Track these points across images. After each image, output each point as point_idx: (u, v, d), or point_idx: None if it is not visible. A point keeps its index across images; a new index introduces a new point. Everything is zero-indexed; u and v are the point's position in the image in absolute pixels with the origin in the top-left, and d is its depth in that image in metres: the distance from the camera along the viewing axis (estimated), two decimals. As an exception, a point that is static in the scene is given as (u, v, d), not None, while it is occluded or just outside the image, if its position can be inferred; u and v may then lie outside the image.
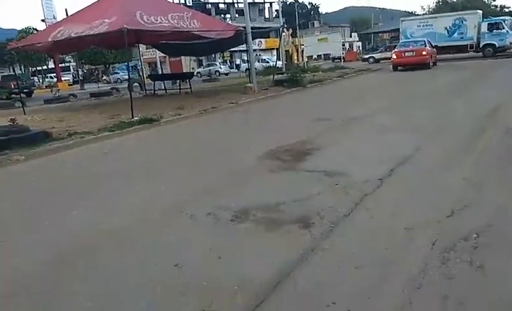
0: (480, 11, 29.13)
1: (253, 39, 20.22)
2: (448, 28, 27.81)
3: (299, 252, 2.91)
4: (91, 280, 2.77)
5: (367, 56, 36.73)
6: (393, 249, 2.87)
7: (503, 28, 26.21)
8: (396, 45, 31.10)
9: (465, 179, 4.09)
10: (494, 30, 26.35)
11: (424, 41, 23.99)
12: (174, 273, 2.76)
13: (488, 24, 26.64)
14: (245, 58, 27.95)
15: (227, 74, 38.91)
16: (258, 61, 36.72)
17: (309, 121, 8.42)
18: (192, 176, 5.12)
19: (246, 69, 27.39)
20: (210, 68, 39.44)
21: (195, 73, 27.90)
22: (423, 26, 28.72)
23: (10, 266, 3.07)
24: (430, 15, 30.48)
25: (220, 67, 41.44)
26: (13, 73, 20.48)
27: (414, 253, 2.76)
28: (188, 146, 7.48)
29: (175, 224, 3.64)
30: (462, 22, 27.58)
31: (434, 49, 23.82)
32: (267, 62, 37.56)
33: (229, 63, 47.91)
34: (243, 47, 18.68)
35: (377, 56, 36.01)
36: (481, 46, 26.69)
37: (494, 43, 26.35)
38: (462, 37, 27.35)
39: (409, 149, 5.46)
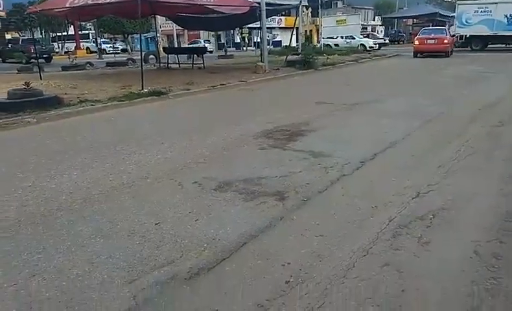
0: None
1: (270, 16, 20.20)
2: (508, 16, 25.69)
3: (268, 220, 3.21)
4: (78, 227, 3.12)
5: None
6: (354, 222, 3.13)
7: None
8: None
9: (440, 167, 4.31)
10: None
11: (445, 30, 23.88)
12: (153, 229, 3.09)
13: None
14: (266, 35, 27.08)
15: (211, 52, 36.05)
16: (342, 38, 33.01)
17: (311, 104, 8.61)
18: (187, 147, 5.42)
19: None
20: (194, 45, 36.84)
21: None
22: (481, 12, 26.56)
23: (16, 208, 3.44)
24: (490, 1, 27.99)
25: (204, 45, 39.94)
26: (32, 38, 20.84)
27: (371, 227, 3.02)
28: (190, 120, 7.77)
29: (163, 189, 3.96)
30: None
31: (453, 38, 23.53)
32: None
33: (244, 40, 46.68)
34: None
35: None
36: None
37: None
38: None
39: (399, 135, 5.69)
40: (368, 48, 30.25)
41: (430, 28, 26.68)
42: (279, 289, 2.35)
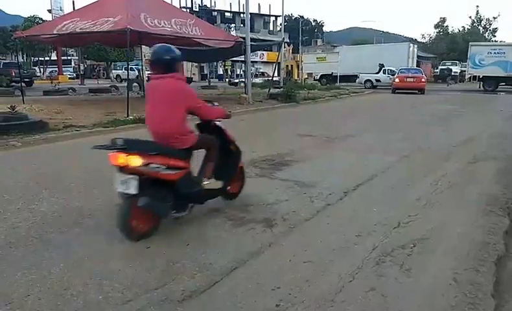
0: None
1: (253, 51, 20.81)
2: None
3: (258, 246, 3.32)
4: (74, 248, 3.15)
5: (236, 80, 35.52)
6: (340, 250, 3.28)
7: None
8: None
9: (418, 199, 4.53)
10: None
11: (420, 70, 25.28)
12: (145, 253, 3.15)
13: None
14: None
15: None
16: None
17: (294, 136, 8.85)
18: (175, 174, 5.50)
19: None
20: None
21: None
22: (494, 53, 27.37)
23: (6, 230, 3.44)
24: (504, 43, 27.68)
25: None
26: (16, 61, 20.65)
27: (356, 254, 3.17)
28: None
29: (153, 214, 4.02)
30: None
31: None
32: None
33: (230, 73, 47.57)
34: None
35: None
36: None
37: None
38: None
39: (379, 168, 5.92)
40: None
41: (408, 67, 28.01)
42: (270, 312, 2.45)
